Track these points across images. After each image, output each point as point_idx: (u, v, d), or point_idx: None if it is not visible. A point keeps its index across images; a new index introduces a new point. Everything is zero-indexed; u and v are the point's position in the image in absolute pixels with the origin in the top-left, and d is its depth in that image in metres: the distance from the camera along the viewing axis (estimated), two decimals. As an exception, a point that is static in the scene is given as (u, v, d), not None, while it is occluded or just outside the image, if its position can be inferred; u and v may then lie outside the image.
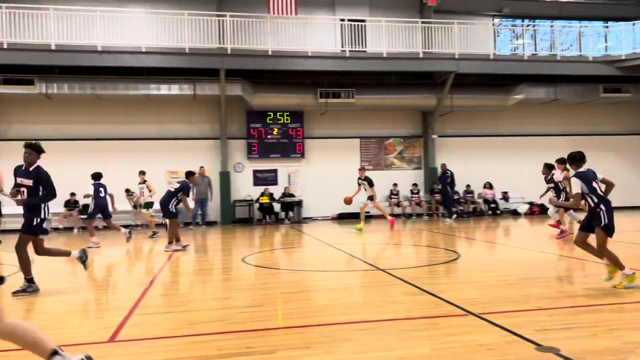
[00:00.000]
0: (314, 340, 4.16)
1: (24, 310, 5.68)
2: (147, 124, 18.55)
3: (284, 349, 3.92)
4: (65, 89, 16.61)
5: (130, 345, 4.18)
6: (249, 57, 17.09)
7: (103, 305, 5.90)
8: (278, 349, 3.91)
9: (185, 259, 9.68)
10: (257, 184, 19.36)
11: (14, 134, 17.53)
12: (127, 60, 16.13)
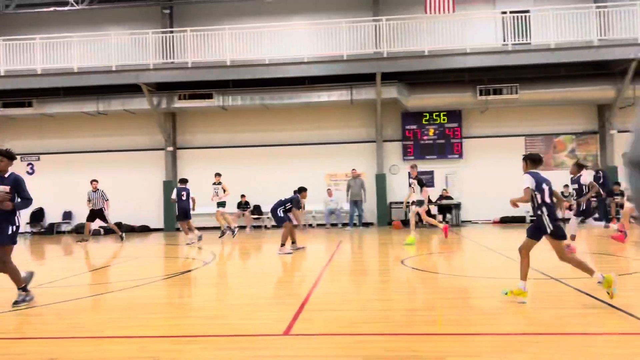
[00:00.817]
0: (484, 349, 4.03)
1: (213, 301, 6.38)
2: (307, 130, 19.56)
3: (453, 356, 3.86)
4: (239, 100, 18.31)
5: (303, 339, 4.46)
6: (405, 58, 17.09)
7: (276, 299, 6.37)
8: (446, 356, 3.87)
9: (345, 260, 10.01)
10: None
11: (197, 142, 19.83)
12: (291, 71, 17.20)
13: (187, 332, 4.83)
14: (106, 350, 4.31)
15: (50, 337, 4.75)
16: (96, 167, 19.52)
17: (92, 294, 7.10)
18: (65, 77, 17.60)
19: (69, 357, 4.14)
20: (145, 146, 19.88)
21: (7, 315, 5.80)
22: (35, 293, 6.99)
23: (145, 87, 17.68)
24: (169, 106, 18.66)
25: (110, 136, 19.98)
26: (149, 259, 11.07)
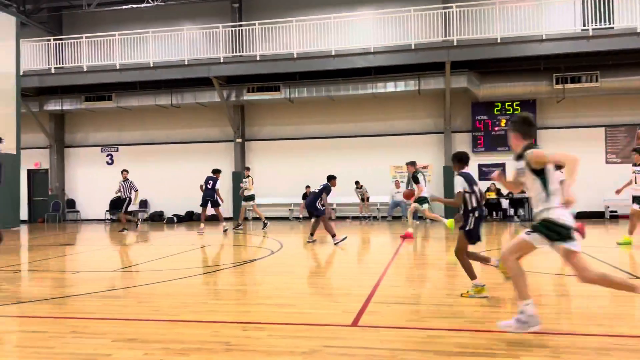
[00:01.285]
0: (564, 349, 3.82)
1: (281, 289, 6.47)
2: (373, 121, 19.40)
3: (531, 355, 3.69)
4: (305, 92, 18.45)
5: (371, 331, 4.42)
6: (476, 46, 16.53)
7: (343, 290, 6.36)
8: (523, 354, 3.70)
9: (412, 253, 9.85)
10: (483, 178, 18.58)
11: (264, 134, 20.20)
12: (357, 61, 17.09)
13: (256, 319, 4.92)
14: (180, 333, 4.46)
15: (129, 319, 4.99)
16: (169, 158, 20.36)
17: (166, 279, 7.40)
18: (141, 72, 18.45)
19: (146, 338, 4.32)
20: (215, 138, 20.48)
21: (91, 297, 6.16)
22: (115, 277, 7.40)
23: (216, 81, 18.17)
24: (238, 99, 19.10)
25: (183, 128, 20.74)
26: (218, 247, 11.41)
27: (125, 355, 3.87)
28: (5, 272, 8.25)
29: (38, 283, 7.47)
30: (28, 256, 10.75)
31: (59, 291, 6.67)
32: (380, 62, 17.11)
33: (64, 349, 4.08)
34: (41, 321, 5.03)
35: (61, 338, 4.37)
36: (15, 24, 17.73)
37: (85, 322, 4.90)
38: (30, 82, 18.98)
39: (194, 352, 3.91)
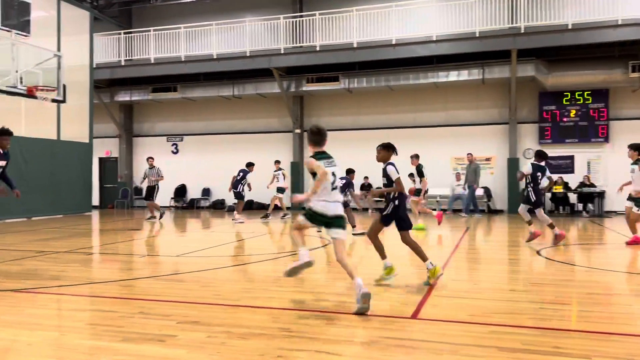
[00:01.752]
0: (637, 351, 3.60)
1: (340, 279, 6.48)
2: (435, 111, 18.99)
3: (601, 356, 3.50)
4: (364, 82, 18.30)
5: (431, 324, 4.34)
6: (544, 33, 15.77)
7: (403, 282, 6.29)
8: (593, 355, 3.52)
9: (474, 247, 9.60)
10: (550, 171, 17.80)
11: (322, 125, 20.19)
12: (418, 50, 16.75)
13: (314, 307, 4.95)
14: (241, 318, 4.56)
15: (192, 302, 5.15)
16: (231, 147, 20.81)
17: (227, 265, 7.59)
18: (205, 64, 18.92)
19: (209, 321, 4.45)
20: (274, 128, 20.74)
21: (157, 279, 6.41)
22: (179, 261, 7.66)
23: (276, 72, 18.36)
24: (298, 89, 19.23)
25: (244, 119, 21.14)
26: (278, 235, 11.57)
27: (190, 337, 4.00)
28: (78, 254, 8.74)
29: (108, 265, 7.86)
30: (99, 240, 11.35)
31: (127, 273, 7.00)
32: (443, 51, 16.68)
33: (132, 328, 4.27)
34: (111, 301, 5.30)
35: (130, 318, 4.58)
36: (89, 18, 18.63)
37: (152, 304, 5.11)
38: (102, 74, 19.92)
39: (254, 337, 3.98)
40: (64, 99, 12.72)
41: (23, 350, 3.75)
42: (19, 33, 11.36)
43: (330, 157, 5.36)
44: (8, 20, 11.14)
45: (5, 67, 11.25)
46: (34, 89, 11.60)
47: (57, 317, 4.91)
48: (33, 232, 12.14)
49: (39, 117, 16.21)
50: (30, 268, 7.27)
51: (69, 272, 6.96)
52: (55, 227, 13.27)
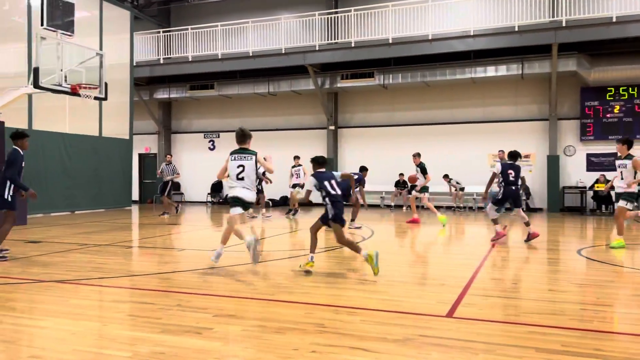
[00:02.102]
0: (686, 357, 3.47)
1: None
2: (471, 107, 18.68)
3: (645, 361, 3.39)
4: (399, 78, 18.15)
5: (467, 323, 4.28)
6: (587, 27, 15.27)
7: (437, 280, 6.23)
8: (636, 359, 3.41)
9: (512, 245, 9.40)
10: (592, 169, 17.31)
11: (356, 121, 20.18)
12: (455, 45, 16.48)
13: (348, 303, 4.96)
14: (276, 312, 4.61)
15: (228, 296, 5.24)
16: (266, 144, 20.91)
17: (262, 260, 7.67)
18: (241, 61, 19.12)
19: (244, 315, 4.52)
20: (309, 125, 20.80)
21: (194, 273, 6.55)
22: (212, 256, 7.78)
23: (311, 68, 18.39)
24: (332, 86, 19.22)
25: (278, 116, 21.28)
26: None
27: (226, 330, 4.07)
28: (119, 247, 9.00)
29: (147, 258, 8.07)
30: (138, 233, 11.65)
31: (165, 267, 7.17)
32: (481, 46, 16.36)
33: (170, 320, 4.37)
34: (150, 293, 5.44)
35: (168, 310, 4.69)
36: (129, 18, 19.10)
37: (189, 297, 5.22)
38: (142, 72, 20.40)
39: (289, 331, 4.02)
40: (105, 97, 13.08)
41: (67, 339, 3.89)
42: (63, 33, 11.72)
43: (243, 153, 6.87)
44: (53, 20, 11.52)
45: (51, 66, 11.64)
46: (78, 87, 11.96)
47: (99, 307, 5.08)
48: (76, 226, 12.56)
49: (81, 115, 16.75)
50: (74, 260, 7.53)
51: (110, 265, 7.18)
52: (97, 221, 13.70)
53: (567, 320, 4.37)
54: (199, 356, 3.50)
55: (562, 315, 4.51)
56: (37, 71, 11.25)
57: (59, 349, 3.66)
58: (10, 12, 15.81)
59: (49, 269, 6.80)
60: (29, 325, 4.32)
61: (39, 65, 11.32)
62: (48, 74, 11.57)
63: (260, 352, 3.58)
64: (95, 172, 17.27)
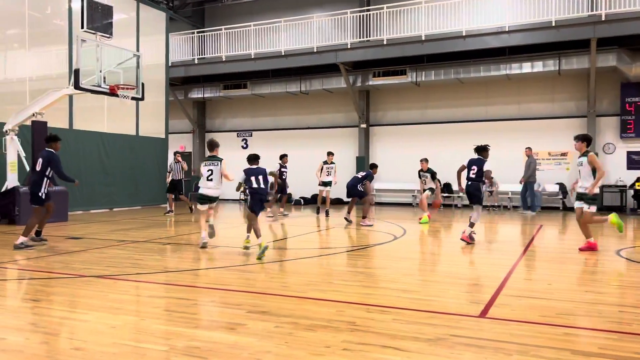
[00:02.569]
0: None
1: (405, 275, 6.46)
2: (506, 104, 18.34)
3: (687, 366, 3.29)
4: (432, 76, 17.96)
5: (500, 324, 4.24)
6: (628, 20, 14.76)
7: (470, 280, 6.17)
8: (678, 364, 3.32)
9: (547, 245, 9.22)
10: (632, 167, 16.76)
11: (388, 119, 20.08)
12: (490, 41, 16.21)
13: (380, 302, 4.97)
14: (308, 310, 4.66)
15: (260, 293, 5.32)
16: (297, 142, 21.09)
17: (294, 258, 7.75)
18: (274, 60, 19.27)
19: (277, 312, 4.58)
20: (340, 123, 20.81)
21: (228, 270, 6.66)
22: (248, 253, 7.91)
23: (343, 66, 18.39)
24: (364, 84, 19.18)
25: (310, 114, 21.36)
26: (342, 230, 11.64)
27: (259, 326, 4.14)
28: (155, 243, 9.23)
29: (182, 255, 8.24)
30: (174, 230, 11.90)
31: (200, 263, 7.32)
32: (516, 42, 16.04)
33: (205, 316, 4.48)
34: (185, 289, 5.57)
35: (202, 306, 4.80)
36: (165, 19, 19.49)
37: (223, 293, 5.32)
38: (177, 72, 20.79)
39: (320, 329, 4.06)
40: (142, 97, 13.39)
41: (107, 333, 4.04)
42: (102, 35, 12.06)
43: (212, 160, 8.51)
44: (93, 23, 11.86)
45: (90, 67, 12.00)
46: (116, 88, 12.29)
47: (137, 302, 5.23)
48: (114, 223, 12.93)
49: (119, 114, 17.21)
50: (113, 256, 7.77)
51: (147, 261, 7.37)
52: (134, 218, 14.06)
53: (604, 322, 4.27)
54: (233, 351, 3.57)
55: (599, 318, 4.42)
56: (77, 73, 11.61)
57: (100, 341, 3.80)
58: (52, 15, 16.35)
59: (89, 264, 7.03)
60: (72, 318, 4.49)
61: (80, 66, 11.67)
62: (88, 75, 11.93)
63: (293, 349, 3.63)
64: (132, 171, 17.71)
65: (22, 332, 4.07)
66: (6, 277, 6.46)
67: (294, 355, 3.51)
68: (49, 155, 8.56)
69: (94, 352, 3.56)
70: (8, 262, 7.23)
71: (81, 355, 3.51)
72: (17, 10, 14.69)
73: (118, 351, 3.60)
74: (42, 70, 16.08)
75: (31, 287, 5.83)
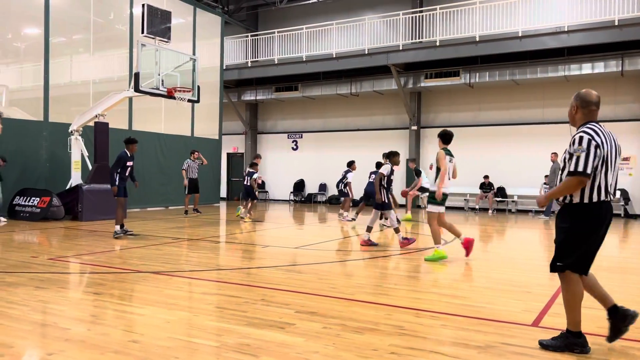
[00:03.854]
0: None
1: (455, 281, 6.37)
2: (564, 107, 17.51)
3: None
4: (486, 77, 17.58)
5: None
6: (700, 18, 13.96)
7: (522, 287, 6.01)
8: None
9: (607, 253, 8.83)
10: None
11: (439, 121, 19.78)
12: (548, 42, 15.71)
13: (429, 307, 4.93)
14: (356, 312, 4.68)
15: (309, 293, 5.38)
16: (347, 144, 21.13)
17: (342, 260, 7.78)
18: (325, 62, 19.41)
19: (325, 313, 4.63)
20: (390, 125, 20.70)
21: (277, 269, 6.78)
22: (297, 253, 8.01)
23: (394, 68, 18.29)
24: (415, 85, 18.99)
25: (360, 116, 21.36)
26: (392, 233, 11.57)
27: (307, 327, 4.20)
28: (208, 242, 9.49)
29: (233, 254, 8.45)
30: (225, 229, 12.20)
31: (250, 262, 7.48)
32: (576, 42, 15.46)
33: (255, 314, 4.58)
34: (236, 287, 5.71)
35: (253, 304, 4.91)
36: (220, 23, 20.01)
37: (272, 292, 5.42)
38: (230, 75, 21.29)
39: (368, 332, 4.08)
40: (198, 99, 13.80)
41: (163, 327, 4.20)
42: (161, 39, 12.54)
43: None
44: (152, 28, 12.35)
45: (149, 70, 12.50)
46: (173, 90, 12.74)
47: (190, 299, 5.41)
48: (170, 220, 13.39)
49: (175, 116, 17.80)
50: (168, 253, 8.06)
51: (200, 259, 7.61)
52: (188, 217, 14.50)
53: (668, 337, 4.06)
54: (282, 350, 3.65)
55: (662, 332, 4.20)
56: (137, 76, 12.11)
57: (156, 335, 3.97)
58: (115, 21, 17.12)
59: (145, 260, 7.33)
60: (129, 312, 4.70)
61: (139, 70, 12.17)
62: (147, 78, 12.42)
63: (340, 350, 3.67)
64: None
65: (84, 323, 4.30)
66: (70, 270, 6.83)
67: (341, 356, 3.54)
68: (119, 154, 9.68)
69: (150, 346, 3.72)
70: (71, 256, 7.64)
71: (138, 347, 3.68)
72: (83, 16, 15.47)
73: (172, 345, 3.74)
74: (104, 73, 16.87)
75: (93, 281, 6.14)
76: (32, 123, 13.89)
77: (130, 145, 9.73)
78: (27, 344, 3.83)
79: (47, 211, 12.46)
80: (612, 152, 3.63)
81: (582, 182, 3.54)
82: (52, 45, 14.31)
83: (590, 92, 3.74)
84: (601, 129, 3.64)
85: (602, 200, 3.62)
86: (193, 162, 15.20)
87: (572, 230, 3.68)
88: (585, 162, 3.50)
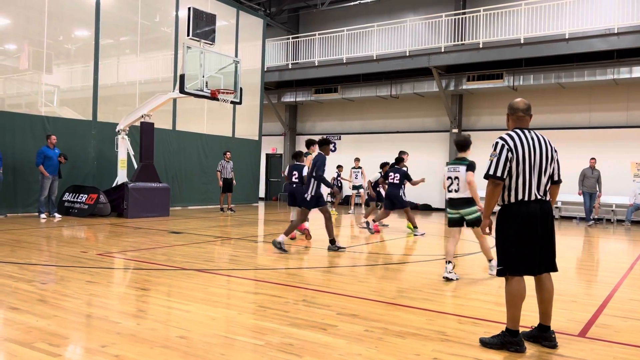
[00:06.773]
0: None
1: (498, 288, 6.28)
2: (613, 111, 17.13)
3: None
4: (531, 80, 17.20)
5: (602, 345, 4.02)
6: None
7: (568, 297, 5.87)
8: None
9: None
10: None
11: (481, 124, 19.46)
12: (596, 44, 15.25)
13: (472, 313, 4.88)
14: (397, 316, 4.69)
15: (350, 295, 5.41)
16: (386, 146, 21.03)
17: (383, 263, 7.77)
18: (365, 65, 19.39)
19: (366, 315, 4.65)
20: (431, 128, 20.49)
21: (318, 271, 6.83)
22: (337, 255, 8.04)
23: (435, 70, 18.11)
24: (457, 88, 18.75)
25: (400, 118, 21.23)
26: (432, 237, 11.48)
27: (349, 329, 4.24)
28: (249, 241, 9.64)
29: (273, 253, 8.56)
30: (263, 229, 12.35)
31: (291, 262, 7.56)
32: (627, 44, 14.93)
33: (297, 314, 4.64)
34: (278, 287, 5.79)
35: (295, 305, 4.98)
36: (262, 26, 20.28)
37: (314, 293, 5.48)
38: (271, 76, 21.54)
39: (410, 336, 4.08)
40: (240, 101, 14.03)
41: (208, 324, 4.32)
42: (206, 42, 12.82)
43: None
44: (197, 30, 12.65)
45: (194, 72, 12.80)
46: (217, 92, 13.00)
47: (233, 297, 5.53)
48: (211, 219, 13.66)
49: (217, 117, 18.15)
50: (210, 251, 8.24)
51: (242, 257, 7.74)
52: (229, 216, 14.75)
53: None
54: (325, 351, 3.69)
55: None
56: (182, 78, 12.42)
57: (202, 331, 4.08)
58: (160, 23, 17.61)
59: (189, 257, 7.52)
60: (175, 308, 4.84)
61: (184, 72, 12.47)
62: (191, 79, 12.73)
63: (382, 353, 3.68)
64: (228, 170, 18.61)
65: (134, 317, 4.46)
66: (117, 265, 7.08)
67: (384, 360, 3.56)
68: (316, 157, 8.90)
69: (197, 342, 3.83)
70: (118, 252, 7.91)
71: (185, 343, 3.80)
72: (131, 19, 15.97)
73: (218, 342, 3.84)
74: (149, 74, 17.37)
75: (139, 276, 6.34)
76: (81, 122, 14.43)
77: (325, 147, 9.05)
78: (81, 335, 4.01)
79: (95, 208, 12.91)
80: (535, 154, 3.76)
81: (496, 184, 3.76)
82: (101, 47, 14.82)
83: (518, 101, 4.00)
84: (523, 134, 3.82)
85: (522, 200, 3.75)
86: (227, 162, 15.57)
87: (500, 233, 3.87)
88: (496, 165, 3.72)
